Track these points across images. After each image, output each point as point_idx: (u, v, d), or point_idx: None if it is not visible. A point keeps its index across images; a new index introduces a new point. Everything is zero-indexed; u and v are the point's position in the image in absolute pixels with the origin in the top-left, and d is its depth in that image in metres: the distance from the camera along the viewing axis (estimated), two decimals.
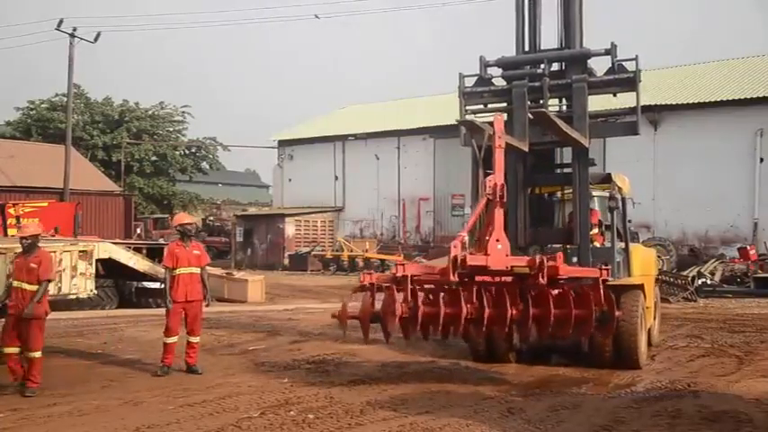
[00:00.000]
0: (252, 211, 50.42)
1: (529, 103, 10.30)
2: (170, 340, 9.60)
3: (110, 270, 15.32)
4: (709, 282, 22.68)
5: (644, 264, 11.73)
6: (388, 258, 31.03)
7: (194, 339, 9.75)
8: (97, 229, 30.37)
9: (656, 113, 30.52)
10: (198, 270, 9.72)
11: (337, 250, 35.34)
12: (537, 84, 10.30)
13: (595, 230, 10.94)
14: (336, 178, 41.17)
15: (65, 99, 38.62)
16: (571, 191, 10.36)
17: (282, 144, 44.54)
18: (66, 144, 33.52)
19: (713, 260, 25.68)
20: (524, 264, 8.27)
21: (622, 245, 11.08)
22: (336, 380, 9.22)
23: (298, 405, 7.84)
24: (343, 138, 40.85)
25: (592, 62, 10.35)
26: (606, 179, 10.99)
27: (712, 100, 30.61)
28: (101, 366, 10.21)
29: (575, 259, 10.17)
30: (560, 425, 7.11)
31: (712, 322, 15.49)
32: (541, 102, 10.29)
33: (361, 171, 40.03)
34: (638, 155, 28.23)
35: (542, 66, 10.38)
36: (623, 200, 11.24)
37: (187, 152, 55.03)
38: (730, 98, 30.17)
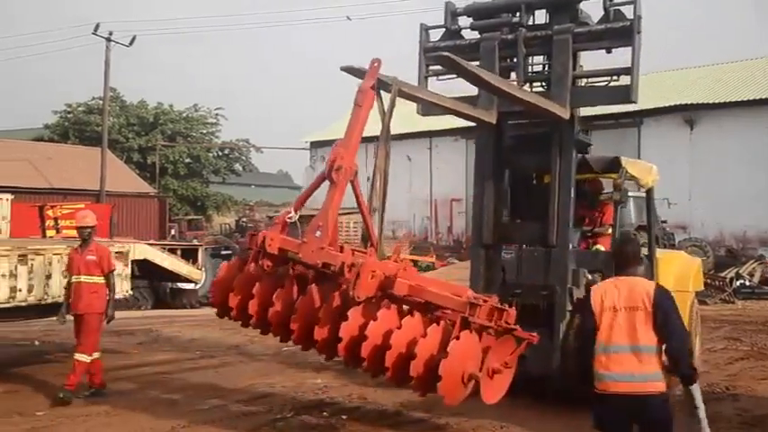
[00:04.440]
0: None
1: (503, 63, 8.32)
2: (77, 356, 8.35)
3: (145, 271, 15.46)
4: (747, 283, 22.31)
5: (680, 276, 9.45)
6: (420, 259, 30.96)
7: (79, 357, 8.25)
8: (132, 230, 30.73)
9: (692, 113, 30.09)
10: (92, 279, 8.42)
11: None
12: (512, 36, 8.22)
13: (610, 231, 8.94)
14: (367, 179, 41.18)
15: (101, 102, 39.17)
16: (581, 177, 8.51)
17: (314, 145, 44.71)
18: (102, 147, 34.00)
19: (752, 261, 25.25)
20: (336, 263, 6.12)
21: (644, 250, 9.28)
22: (370, 381, 9.20)
23: (331, 406, 7.86)
24: (373, 139, 40.78)
25: (591, 11, 8.21)
26: (612, 165, 8.72)
27: (751, 98, 30.10)
28: (136, 366, 10.31)
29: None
30: None
31: (751, 324, 15.24)
32: (517, 60, 8.24)
33: (394, 172, 39.70)
34: (674, 155, 27.86)
35: (519, 14, 8.27)
36: (648, 193, 9.33)
37: (220, 154, 55.49)
38: None
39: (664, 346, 4.56)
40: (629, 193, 9.58)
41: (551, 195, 8.03)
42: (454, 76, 7.66)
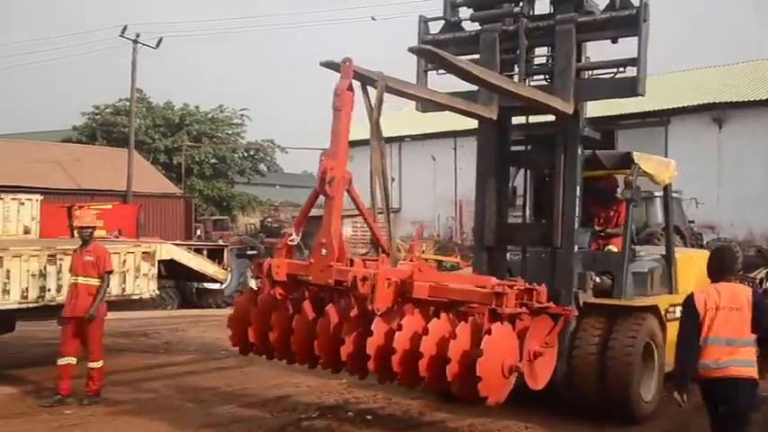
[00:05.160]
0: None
1: (505, 56, 7.89)
2: (59, 361, 8.22)
3: (171, 271, 15.60)
4: None
5: (702, 277, 9.01)
6: (444, 260, 30.90)
7: (92, 364, 8.23)
8: (159, 230, 30.97)
9: (721, 111, 29.71)
10: (88, 280, 8.24)
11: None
12: (513, 28, 7.80)
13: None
14: (393, 180, 41.19)
15: (128, 104, 39.57)
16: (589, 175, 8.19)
17: None
18: (129, 148, 34.33)
19: None
20: (348, 279, 5.75)
21: (657, 250, 9.01)
22: None
23: (356, 406, 7.86)
24: (399, 139, 40.86)
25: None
26: (624, 161, 8.36)
27: None
28: (163, 365, 10.40)
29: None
30: None
31: None
32: (519, 52, 7.84)
33: (418, 172, 39.98)
34: (702, 154, 27.54)
35: (522, 4, 7.85)
36: (665, 190, 8.99)
37: (246, 154, 55.76)
38: None
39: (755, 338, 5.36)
40: (656, 193, 9.27)
41: (555, 194, 7.69)
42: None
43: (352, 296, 5.94)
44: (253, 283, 12.53)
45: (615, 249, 8.45)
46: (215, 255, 13.73)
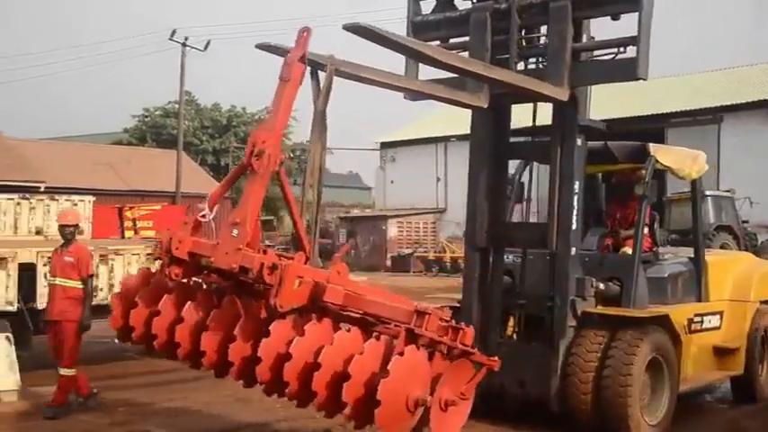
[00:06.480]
0: (354, 212, 50.94)
1: (497, 37, 7.05)
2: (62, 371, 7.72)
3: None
4: None
5: (739, 283, 8.27)
6: None
7: (63, 371, 7.62)
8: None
9: None
10: (67, 282, 7.70)
11: (440, 252, 35.24)
12: (505, 6, 6.96)
13: (645, 231, 7.69)
14: (438, 180, 41.03)
15: (177, 106, 40.18)
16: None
17: (384, 146, 44.78)
18: (177, 149, 34.89)
19: None
20: (254, 266, 5.01)
21: (684, 253, 8.27)
22: None
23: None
24: (445, 139, 40.64)
25: None
26: (639, 153, 7.61)
27: None
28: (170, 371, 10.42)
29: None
30: None
31: None
32: (510, 33, 7.01)
33: (464, 172, 39.48)
34: (757, 152, 26.81)
35: None
36: (694, 186, 8.29)
37: (292, 155, 56.16)
38: None
39: None
40: (708, 192, 8.72)
41: (551, 190, 7.00)
42: (453, 52, 6.74)
43: (256, 290, 5.31)
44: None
45: (630, 251, 7.62)
46: None
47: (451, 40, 7.49)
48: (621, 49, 6.76)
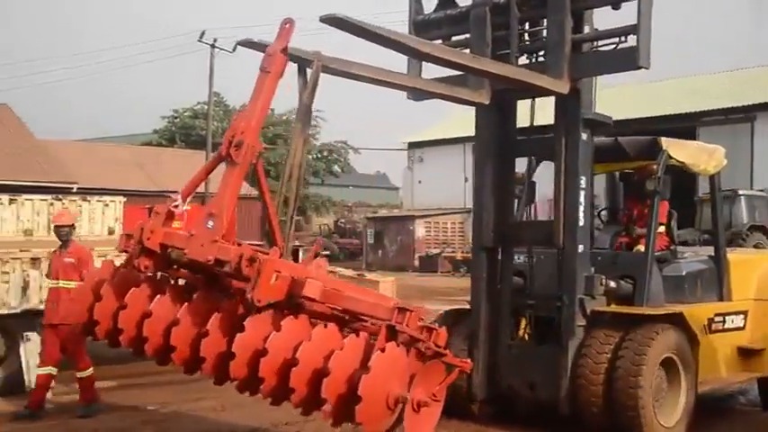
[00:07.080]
0: (382, 213, 51.03)
1: (497, 33, 6.92)
2: (39, 371, 7.72)
3: None
4: None
5: (766, 284, 8.01)
6: None
7: (81, 374, 7.65)
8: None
9: None
10: (70, 284, 7.51)
11: (467, 252, 35.15)
12: (504, 0, 6.84)
13: (661, 229, 7.51)
14: (466, 180, 40.88)
15: (206, 107, 40.51)
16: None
17: (412, 146, 44.78)
18: (206, 150, 35.19)
19: None
20: (231, 258, 4.94)
21: (703, 251, 8.22)
22: None
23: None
24: (472, 139, 40.60)
25: None
26: (650, 148, 7.41)
27: None
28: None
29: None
30: None
31: None
32: (510, 26, 6.91)
33: None
34: None
35: None
36: (712, 181, 8.05)
37: (319, 156, 56.36)
38: None
39: None
40: (741, 192, 8.54)
41: (556, 187, 6.86)
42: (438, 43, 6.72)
43: (227, 285, 5.21)
44: None
45: (642, 248, 7.43)
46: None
47: (453, 38, 7.45)
48: (623, 39, 6.63)
